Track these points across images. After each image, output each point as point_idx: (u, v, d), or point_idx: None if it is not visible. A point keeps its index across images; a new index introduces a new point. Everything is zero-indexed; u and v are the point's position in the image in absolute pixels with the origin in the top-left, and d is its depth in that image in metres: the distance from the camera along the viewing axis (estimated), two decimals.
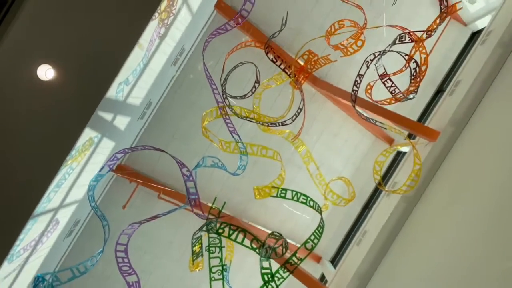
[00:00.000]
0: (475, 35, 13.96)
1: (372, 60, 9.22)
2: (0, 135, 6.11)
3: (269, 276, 5.97)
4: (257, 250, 6.32)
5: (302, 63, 9.68)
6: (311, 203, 8.63)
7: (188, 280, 11.41)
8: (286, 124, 8.89)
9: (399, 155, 13.67)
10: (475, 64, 9.83)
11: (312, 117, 12.42)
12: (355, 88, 9.28)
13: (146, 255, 11.12)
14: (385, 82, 10.15)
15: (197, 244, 7.29)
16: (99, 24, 6.17)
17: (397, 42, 9.19)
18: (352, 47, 8.67)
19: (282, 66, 8.50)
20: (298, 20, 11.01)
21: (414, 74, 8.98)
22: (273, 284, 6.02)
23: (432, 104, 13.53)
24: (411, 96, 9.29)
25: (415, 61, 8.93)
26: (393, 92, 10.06)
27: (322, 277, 12.91)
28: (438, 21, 7.35)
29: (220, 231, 6.52)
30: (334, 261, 13.28)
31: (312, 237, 7.75)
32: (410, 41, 9.08)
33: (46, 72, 6.49)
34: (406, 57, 9.14)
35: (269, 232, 12.81)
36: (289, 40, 11.12)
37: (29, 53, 6.31)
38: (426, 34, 8.84)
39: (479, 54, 10.12)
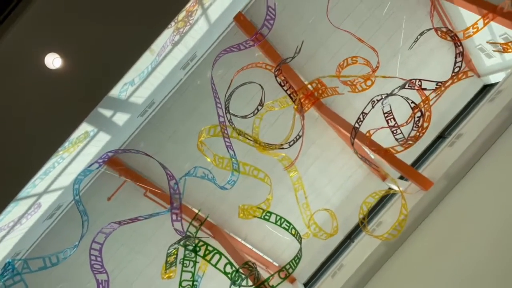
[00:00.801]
0: (486, 87, 13.99)
1: (378, 101, 9.24)
2: None
3: None
4: (229, 276, 6.31)
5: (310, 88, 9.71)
6: (293, 231, 8.64)
7: (159, 279, 11.38)
8: (283, 148, 8.90)
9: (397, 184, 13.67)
10: (479, 121, 9.85)
11: (311, 141, 12.42)
12: (356, 125, 9.30)
13: (122, 247, 11.12)
14: (389, 121, 10.19)
15: (172, 254, 7.28)
16: (114, 25, 6.15)
17: (406, 87, 9.22)
18: (361, 85, 8.67)
19: (289, 92, 8.49)
20: (313, 45, 11.01)
21: (417, 122, 9.01)
22: None
23: (431, 149, 13.55)
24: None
25: (420, 110, 8.96)
26: (394, 132, 10.10)
27: None
28: (447, 84, 7.41)
29: (197, 249, 6.51)
30: (307, 285, 13.28)
31: (288, 266, 7.75)
32: (419, 88, 9.11)
33: (53, 61, 6.48)
34: (412, 104, 9.20)
35: (249, 246, 12.85)
36: (301, 63, 11.11)
37: (40, 39, 6.27)
38: (436, 85, 8.88)
39: (486, 111, 10.15)
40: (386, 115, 10.08)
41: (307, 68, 11.26)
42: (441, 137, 13.89)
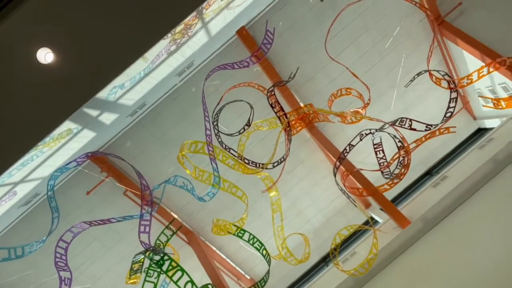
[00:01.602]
0: (481, 131, 14.03)
1: (366, 134, 9.27)
2: None
3: None
4: None
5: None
6: (264, 252, 8.66)
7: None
8: (267, 168, 8.90)
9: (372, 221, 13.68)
10: (466, 167, 9.87)
11: (299, 161, 12.43)
12: (342, 156, 9.32)
13: (95, 242, 11.08)
14: (377, 152, 10.23)
15: (137, 262, 7.26)
16: (110, 30, 6.13)
17: (396, 124, 9.26)
18: (350, 118, 8.68)
19: (279, 114, 8.48)
20: (313, 67, 11.01)
21: (401, 162, 9.04)
22: None
23: (417, 184, 13.58)
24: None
25: (406, 151, 8.99)
26: (381, 164, 10.14)
27: None
28: (427, 136, 7.52)
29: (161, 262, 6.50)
30: None
31: None
32: (409, 128, 9.14)
33: (45, 56, 6.46)
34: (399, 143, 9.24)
35: (223, 256, 12.83)
36: (299, 83, 11.12)
37: (35, 33, 6.24)
38: (425, 128, 8.93)
39: (473, 158, 10.17)
40: (375, 146, 10.13)
41: (304, 89, 11.27)
42: (429, 173, 13.92)
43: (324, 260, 13.54)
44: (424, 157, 13.56)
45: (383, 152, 10.07)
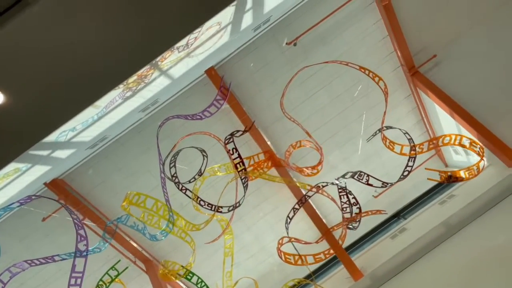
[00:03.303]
0: (451, 178, 14.05)
1: (323, 187, 9.30)
2: None
3: None
4: None
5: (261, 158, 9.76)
6: None
7: None
8: (221, 212, 8.92)
9: (333, 261, 13.70)
10: (425, 222, 9.92)
11: (264, 197, 12.42)
12: (296, 206, 9.35)
13: (51, 265, 11.00)
14: (342, 197, 10.27)
15: None
16: (59, 74, 6.10)
17: (355, 178, 9.31)
18: (307, 173, 8.71)
19: (235, 162, 8.50)
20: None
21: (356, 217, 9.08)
22: None
23: (384, 225, 13.60)
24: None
25: (359, 207, 9.04)
26: (344, 209, 10.17)
27: None
28: (362, 214, 7.69)
29: None
30: None
31: None
32: (366, 183, 9.20)
33: None
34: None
35: (182, 285, 12.78)
36: (267, 122, 11.15)
37: None
38: (382, 184, 8.97)
39: (433, 214, 10.22)
40: (340, 191, 10.16)
41: (271, 129, 11.28)
42: (396, 216, 13.94)
43: None
44: (395, 199, 13.57)
45: (347, 197, 10.11)
